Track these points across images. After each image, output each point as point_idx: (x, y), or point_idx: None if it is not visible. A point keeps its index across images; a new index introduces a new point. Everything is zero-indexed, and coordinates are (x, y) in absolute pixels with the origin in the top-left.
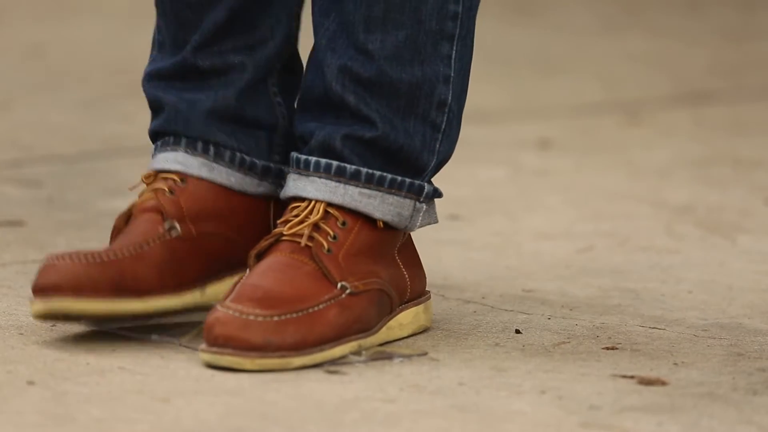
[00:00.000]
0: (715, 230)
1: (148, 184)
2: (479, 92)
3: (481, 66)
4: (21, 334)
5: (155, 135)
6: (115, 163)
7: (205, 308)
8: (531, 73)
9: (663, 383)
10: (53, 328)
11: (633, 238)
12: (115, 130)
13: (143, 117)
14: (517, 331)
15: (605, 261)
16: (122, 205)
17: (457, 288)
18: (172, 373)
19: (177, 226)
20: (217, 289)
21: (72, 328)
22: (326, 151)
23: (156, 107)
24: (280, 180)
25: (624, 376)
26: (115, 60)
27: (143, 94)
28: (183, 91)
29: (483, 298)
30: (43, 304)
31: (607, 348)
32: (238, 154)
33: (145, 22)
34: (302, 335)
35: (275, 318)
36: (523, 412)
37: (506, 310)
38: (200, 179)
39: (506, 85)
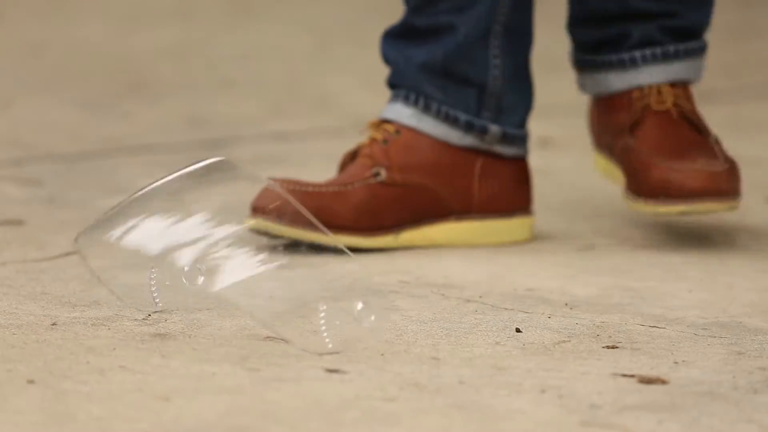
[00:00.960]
0: (715, 228)
1: (372, 130)
2: None
3: None
4: (21, 333)
5: (389, 86)
6: (115, 162)
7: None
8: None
9: (663, 382)
10: (53, 327)
11: (633, 237)
12: (115, 129)
13: (143, 116)
14: (518, 330)
15: (605, 260)
16: None
17: (457, 287)
18: (172, 372)
19: (382, 172)
20: (412, 235)
21: (71, 327)
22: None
23: (386, 62)
24: (483, 135)
25: (624, 375)
26: (116, 59)
27: (143, 93)
28: (405, 48)
29: (483, 296)
30: (253, 222)
31: (608, 347)
32: (443, 108)
33: (145, 21)
34: None
35: None
36: (524, 411)
37: (506, 309)
38: (411, 129)
39: None
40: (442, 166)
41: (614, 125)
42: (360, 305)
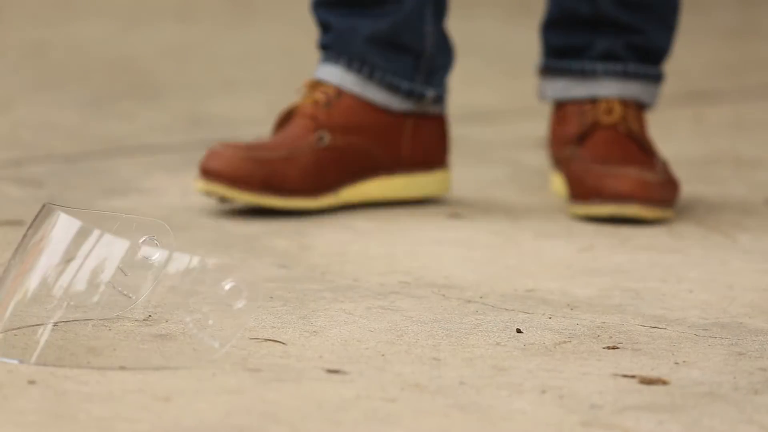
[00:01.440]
0: (715, 229)
1: (309, 90)
2: (479, 92)
3: (481, 65)
4: (22, 333)
5: (323, 47)
6: (115, 162)
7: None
8: (531, 72)
9: (664, 382)
10: (54, 327)
11: (633, 238)
12: (115, 129)
13: (144, 116)
14: (518, 331)
15: (606, 260)
16: (122, 204)
17: (457, 287)
18: (172, 372)
19: (326, 136)
20: (349, 192)
21: (72, 327)
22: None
23: (325, 26)
24: (420, 100)
25: (625, 376)
26: (116, 59)
27: (144, 94)
28: (347, 16)
29: (484, 297)
30: (204, 185)
31: (608, 347)
32: (387, 76)
33: (146, 21)
34: None
35: None
36: (524, 412)
37: (507, 310)
38: (353, 95)
39: (506, 85)
40: (379, 127)
41: (565, 136)
42: (228, 285)
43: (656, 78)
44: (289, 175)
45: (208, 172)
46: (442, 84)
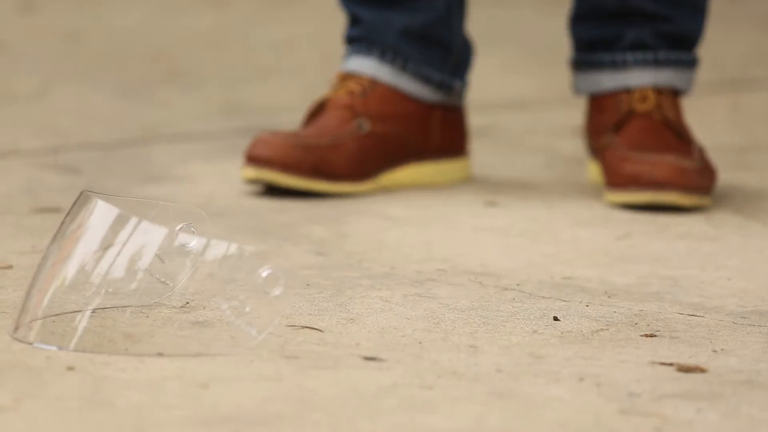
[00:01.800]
0: (753, 217)
1: (341, 82)
2: (516, 81)
3: (518, 55)
4: (60, 319)
5: (351, 40)
6: (152, 149)
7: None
8: (566, 62)
9: (702, 370)
10: (93, 314)
11: (671, 225)
12: (152, 116)
13: (180, 103)
14: (556, 318)
15: (643, 248)
16: (159, 191)
17: (494, 275)
18: (210, 359)
19: (365, 124)
20: (386, 177)
21: (110, 314)
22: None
23: (355, 19)
24: (450, 92)
25: (663, 363)
26: (153, 47)
27: (179, 81)
28: (378, 9)
29: (520, 285)
30: (254, 172)
31: (646, 335)
32: (420, 68)
33: (181, 9)
34: None
35: None
36: (562, 399)
37: (544, 297)
38: (387, 85)
39: (542, 74)
40: (412, 116)
41: (601, 125)
42: (265, 272)
43: (689, 63)
44: (336, 161)
45: (257, 159)
46: (465, 78)
